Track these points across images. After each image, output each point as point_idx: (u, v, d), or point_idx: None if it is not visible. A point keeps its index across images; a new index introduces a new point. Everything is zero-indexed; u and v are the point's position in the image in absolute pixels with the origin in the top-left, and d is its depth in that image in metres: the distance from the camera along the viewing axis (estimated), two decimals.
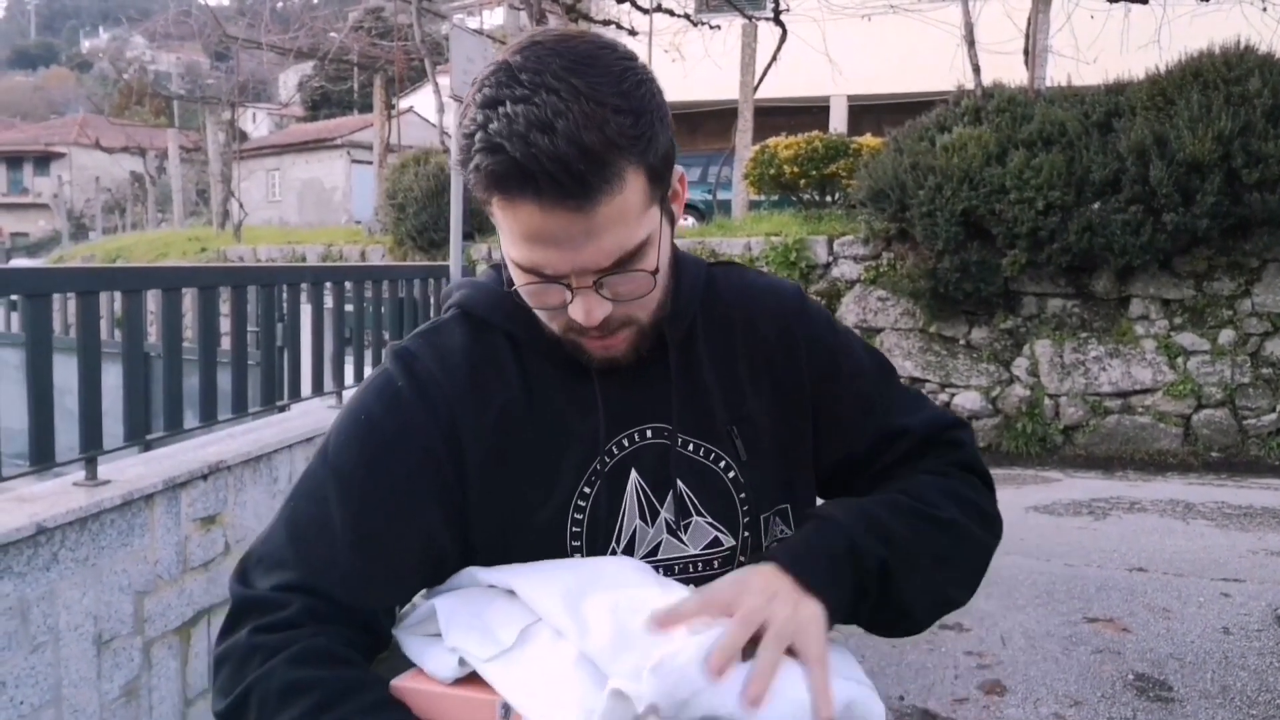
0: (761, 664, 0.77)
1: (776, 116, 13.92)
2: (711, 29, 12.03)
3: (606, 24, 12.47)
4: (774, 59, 11.05)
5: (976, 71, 8.43)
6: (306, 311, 4.33)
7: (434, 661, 0.86)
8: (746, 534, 0.97)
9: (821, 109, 15.80)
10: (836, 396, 1.01)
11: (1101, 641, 3.73)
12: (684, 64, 11.98)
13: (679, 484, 0.95)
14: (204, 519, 3.13)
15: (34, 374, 2.74)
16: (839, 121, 15.79)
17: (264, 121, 36.11)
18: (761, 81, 11.12)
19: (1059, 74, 8.57)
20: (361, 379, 4.42)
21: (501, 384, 0.94)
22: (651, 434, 0.95)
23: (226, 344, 3.90)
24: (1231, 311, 7.06)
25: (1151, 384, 7.16)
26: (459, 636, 0.85)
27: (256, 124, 35.28)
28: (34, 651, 2.44)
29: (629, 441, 0.95)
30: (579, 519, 0.93)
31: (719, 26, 12.05)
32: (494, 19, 20.43)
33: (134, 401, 3.14)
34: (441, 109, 13.17)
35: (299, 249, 13.71)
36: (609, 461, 0.94)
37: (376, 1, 21.69)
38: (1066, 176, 6.94)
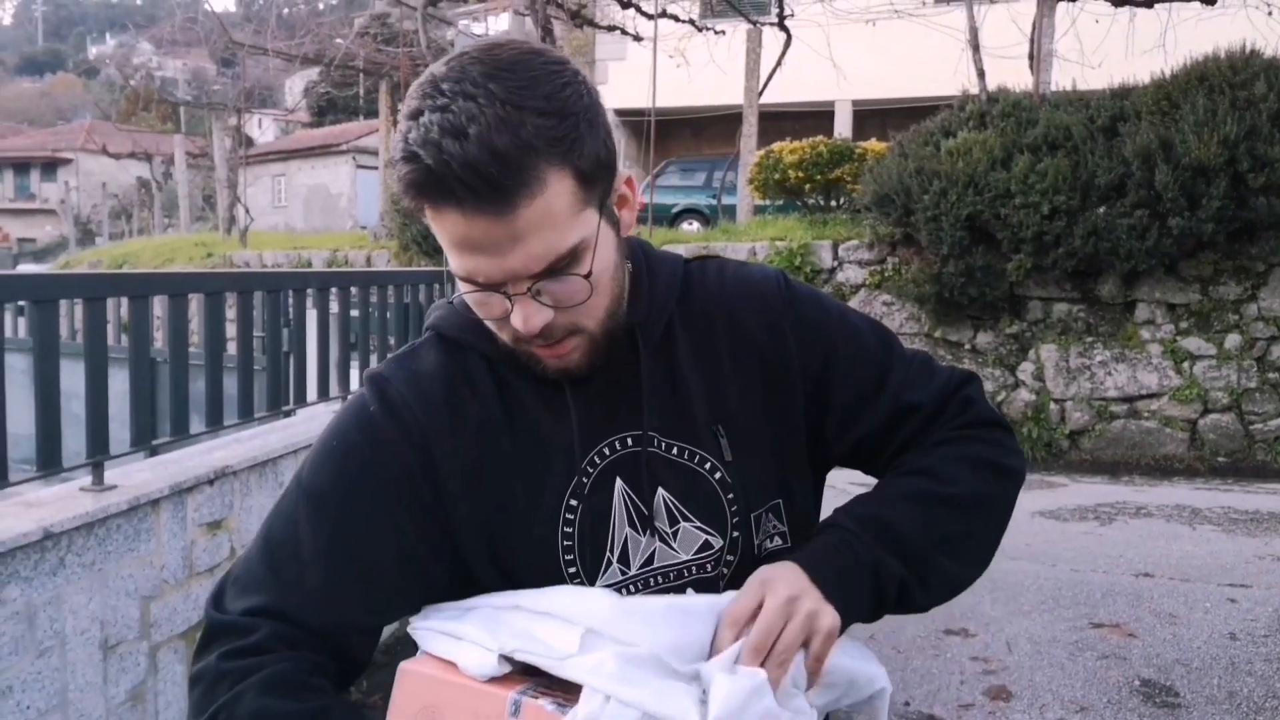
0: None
1: (781, 121, 13.92)
2: (716, 34, 12.05)
3: (611, 30, 12.50)
4: (778, 64, 11.06)
5: (981, 76, 8.42)
6: (312, 317, 4.33)
7: (468, 656, 0.85)
8: (736, 534, 0.96)
9: (826, 114, 15.81)
10: (838, 381, 1.00)
11: (1107, 647, 3.72)
12: (689, 69, 11.99)
13: (661, 491, 0.95)
14: (210, 524, 3.13)
15: (41, 379, 2.75)
16: (844, 126, 15.78)
17: (270, 127, 36.25)
18: (766, 86, 11.12)
19: (1064, 78, 8.56)
20: None
21: (477, 403, 0.94)
22: (632, 441, 0.95)
23: (232, 349, 3.91)
24: (1238, 316, 7.04)
25: (1157, 389, 7.15)
26: (514, 640, 0.85)
27: (262, 130, 35.41)
28: (41, 656, 2.45)
29: (609, 450, 0.94)
30: (569, 531, 0.93)
31: (724, 32, 12.06)
32: (499, 25, 20.50)
33: (140, 407, 3.15)
34: None
35: (304, 254, 13.75)
36: (592, 472, 0.93)
37: (382, 7, 21.76)
38: (1071, 181, 6.93)
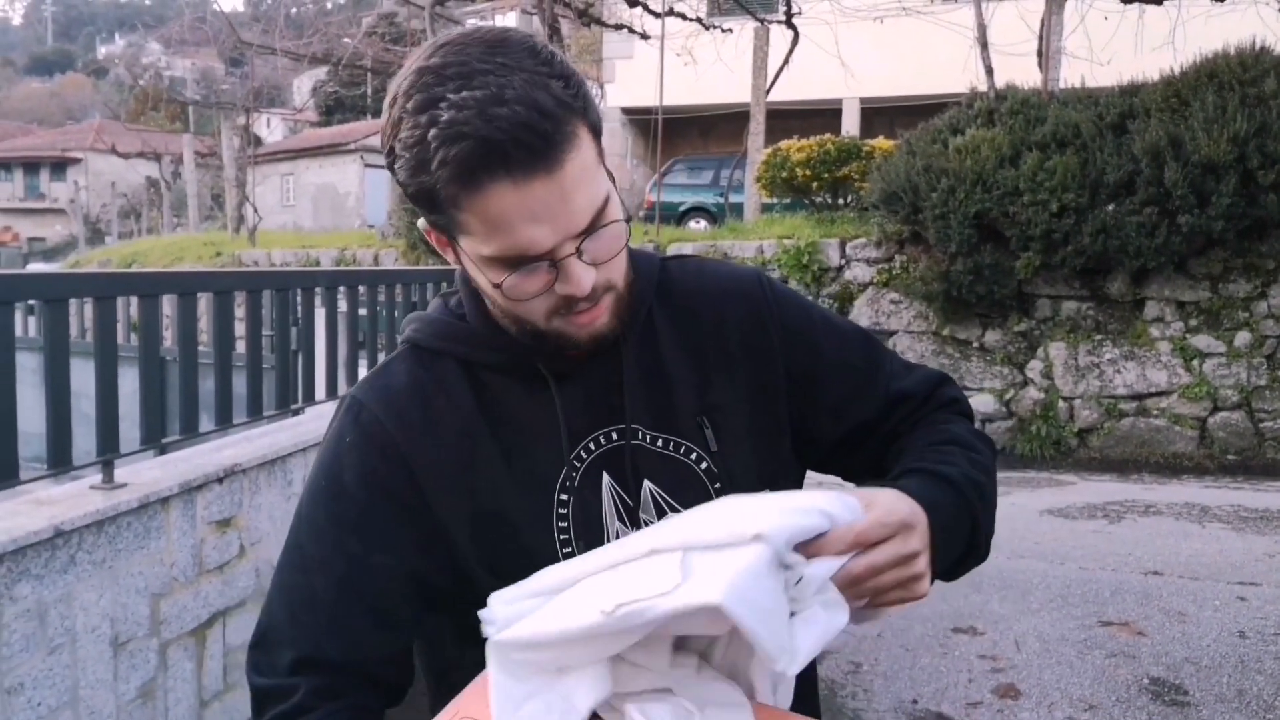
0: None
1: (789, 119, 13.91)
2: (724, 32, 12.04)
3: (619, 28, 12.49)
4: (786, 62, 11.04)
5: (989, 73, 8.40)
6: (320, 315, 4.35)
7: (533, 706, 0.73)
8: None
9: (834, 111, 15.78)
10: (826, 376, 1.01)
11: (1116, 645, 3.71)
12: (696, 68, 11.98)
13: (647, 483, 0.95)
14: (219, 522, 3.15)
15: (51, 378, 2.77)
16: (851, 124, 15.75)
17: (278, 127, 36.36)
18: (774, 84, 11.12)
19: (1073, 76, 8.52)
20: None
21: (455, 411, 0.94)
22: (617, 435, 0.95)
23: (241, 348, 3.92)
24: (1247, 313, 7.01)
25: (1167, 386, 7.12)
26: (609, 600, 0.70)
27: (271, 129, 35.52)
28: (51, 653, 2.46)
29: (595, 445, 0.94)
30: (564, 526, 0.93)
31: (731, 30, 12.05)
32: (507, 23, 20.50)
33: (150, 405, 3.16)
34: None
35: (313, 253, 13.79)
36: (579, 467, 0.93)
37: (390, 7, 21.80)
38: (1080, 178, 6.91)
